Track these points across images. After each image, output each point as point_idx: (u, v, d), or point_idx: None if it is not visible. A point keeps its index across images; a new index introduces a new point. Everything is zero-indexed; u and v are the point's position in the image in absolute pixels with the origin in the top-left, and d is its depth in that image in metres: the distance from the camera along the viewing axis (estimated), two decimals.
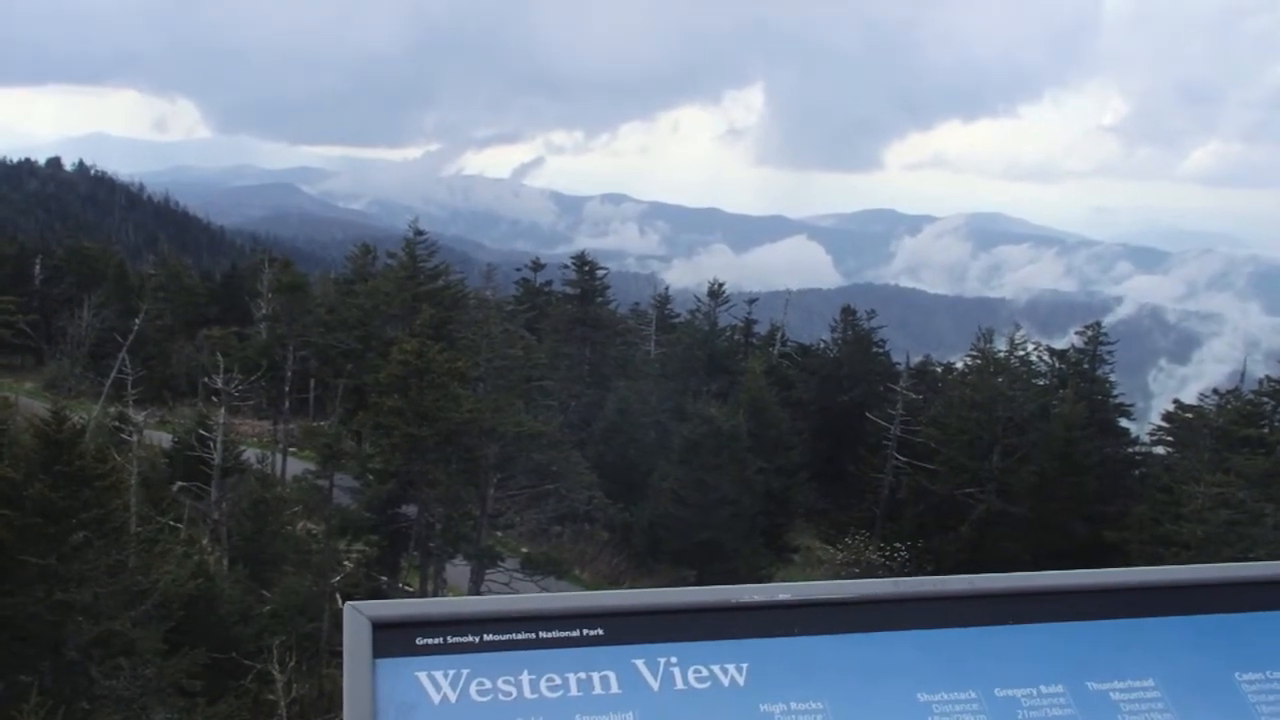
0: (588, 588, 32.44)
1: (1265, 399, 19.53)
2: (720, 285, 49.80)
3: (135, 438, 20.01)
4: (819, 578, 35.43)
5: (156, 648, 12.27)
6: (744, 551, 31.22)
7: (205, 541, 22.73)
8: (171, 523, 20.17)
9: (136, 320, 31.91)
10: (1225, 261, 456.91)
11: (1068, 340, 44.78)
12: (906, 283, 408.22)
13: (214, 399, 24.66)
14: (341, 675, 1.18)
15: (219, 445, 22.70)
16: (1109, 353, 39.96)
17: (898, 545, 37.27)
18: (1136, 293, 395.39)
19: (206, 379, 25.41)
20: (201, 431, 24.21)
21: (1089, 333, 40.04)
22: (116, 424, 25.04)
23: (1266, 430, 19.51)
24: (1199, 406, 30.50)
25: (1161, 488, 28.59)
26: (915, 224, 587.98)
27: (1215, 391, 30.51)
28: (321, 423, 32.83)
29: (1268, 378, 18.78)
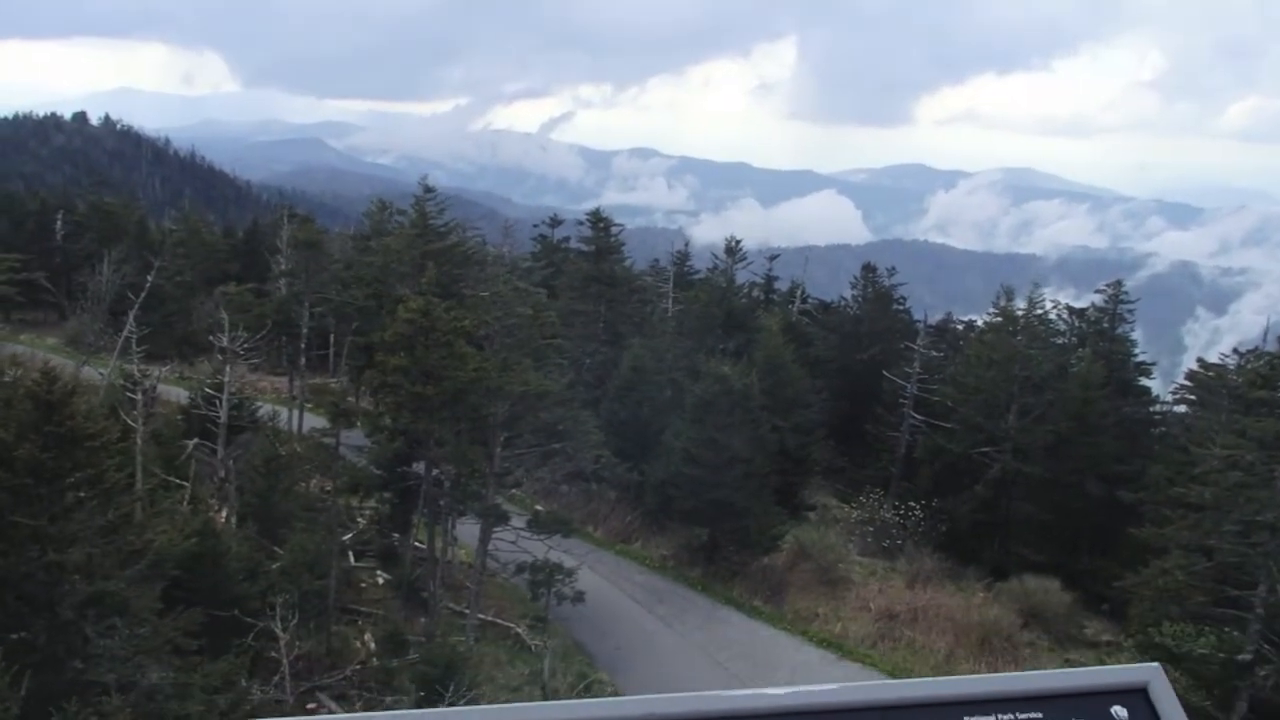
0: (600, 545, 32.64)
1: None
2: (738, 242, 49.14)
3: (141, 396, 20.18)
4: (834, 536, 35.47)
5: (152, 607, 12.44)
6: (755, 510, 31.14)
7: (213, 499, 23.05)
8: (177, 480, 20.42)
9: (149, 277, 32.06)
10: (1260, 218, 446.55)
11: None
12: (936, 238, 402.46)
13: (219, 356, 24.83)
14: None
15: (225, 403, 22.87)
16: (1129, 311, 39.10)
17: (912, 504, 37.14)
18: (1169, 249, 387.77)
19: (211, 337, 25.52)
20: (207, 389, 24.41)
21: (1109, 291, 39.14)
22: (123, 382, 25.30)
23: (1276, 393, 18.95)
24: (1220, 365, 29.78)
25: (1178, 448, 28.10)
26: (946, 179, 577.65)
27: (1236, 351, 29.75)
28: (333, 379, 33.06)
29: None
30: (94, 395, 24.79)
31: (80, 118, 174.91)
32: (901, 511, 37.08)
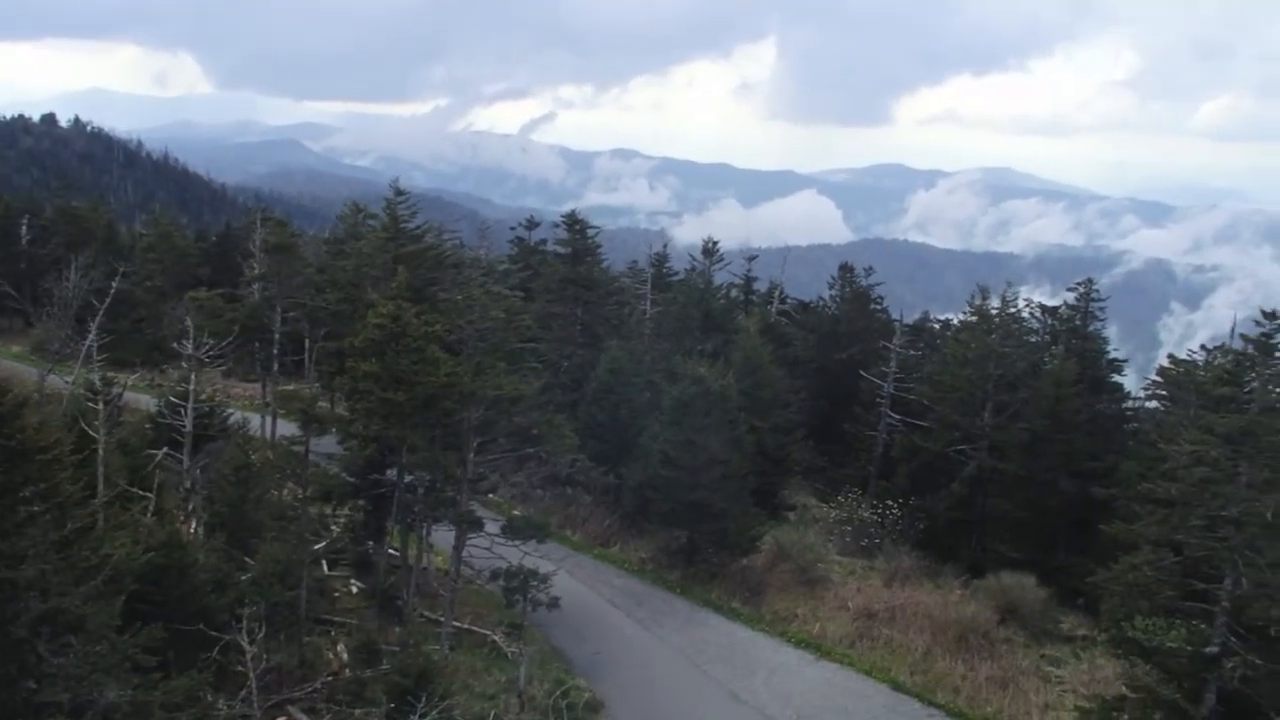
0: (578, 549, 32.47)
1: (1246, 357, 19.21)
2: (715, 243, 49.12)
3: (103, 405, 19.81)
4: (813, 535, 35.48)
5: (110, 623, 12.17)
6: (734, 512, 31.06)
7: (178, 509, 22.68)
8: (141, 491, 20.06)
9: (114, 283, 31.53)
10: (1231, 215, 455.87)
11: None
12: (916, 237, 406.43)
13: (183, 364, 24.45)
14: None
15: (190, 411, 22.51)
16: (1101, 309, 39.44)
17: (890, 503, 37.22)
18: (1143, 246, 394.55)
19: (177, 344, 25.12)
20: (172, 399, 24.02)
21: (1081, 289, 39.46)
22: (83, 391, 24.85)
23: (1242, 390, 19.21)
24: (1190, 361, 30.08)
25: (1149, 444, 28.32)
26: (926, 179, 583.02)
27: (1204, 347, 30.08)
28: (306, 385, 32.66)
29: (1243, 336, 18.38)
30: (57, 405, 24.37)
31: (49, 119, 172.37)
32: (880, 510, 37.14)
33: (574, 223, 41.91)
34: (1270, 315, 18.32)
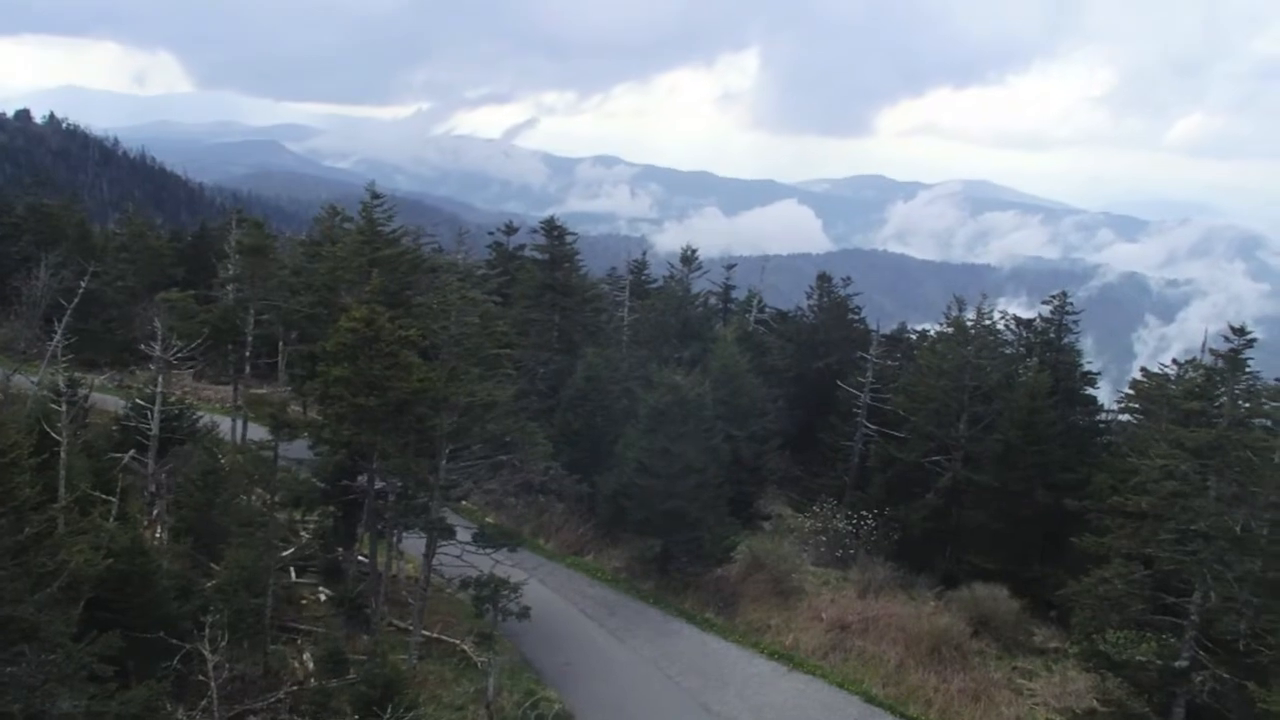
0: (552, 557, 32.22)
1: (1216, 372, 19.40)
2: (693, 251, 49.13)
3: (67, 407, 19.40)
4: (788, 545, 35.44)
5: (66, 631, 11.85)
6: (709, 521, 30.96)
7: (141, 514, 22.25)
8: (104, 496, 19.67)
9: (82, 282, 31.00)
10: (1204, 231, 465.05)
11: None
12: (895, 248, 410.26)
13: (150, 366, 24.03)
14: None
15: (155, 414, 22.11)
16: (1075, 321, 39.79)
17: (865, 513, 37.25)
18: (1118, 260, 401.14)
19: (144, 346, 24.69)
20: (138, 401, 23.60)
21: (1056, 302, 39.79)
22: (47, 393, 24.37)
23: (1212, 404, 19.39)
24: (1162, 375, 30.37)
25: (1121, 456, 28.52)
26: (905, 190, 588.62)
27: (1175, 361, 30.39)
28: (278, 389, 32.27)
29: (1212, 351, 18.56)
30: (21, 406, 23.88)
31: (23, 115, 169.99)
32: (855, 521, 37.16)
33: (552, 228, 41.78)
34: (1239, 331, 18.49)
